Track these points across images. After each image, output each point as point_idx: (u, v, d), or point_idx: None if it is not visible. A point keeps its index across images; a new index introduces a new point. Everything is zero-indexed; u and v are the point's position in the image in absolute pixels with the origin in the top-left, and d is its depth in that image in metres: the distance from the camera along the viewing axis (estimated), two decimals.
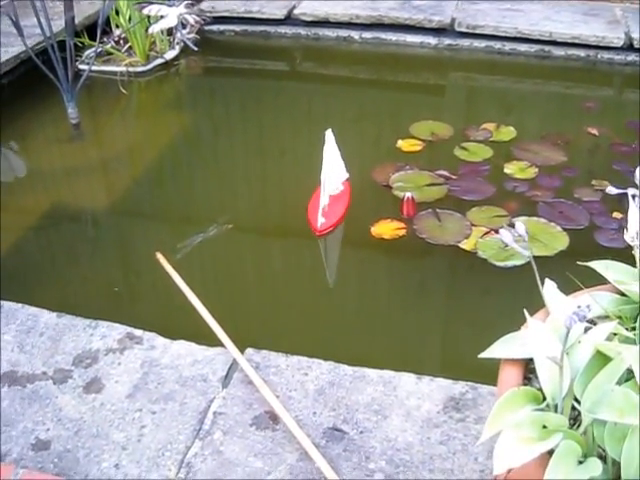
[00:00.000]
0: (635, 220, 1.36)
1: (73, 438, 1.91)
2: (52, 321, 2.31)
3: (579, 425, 1.24)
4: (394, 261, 3.01)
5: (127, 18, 4.74)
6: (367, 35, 5.07)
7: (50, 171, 3.73)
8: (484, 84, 4.77)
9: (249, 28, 5.24)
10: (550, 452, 1.16)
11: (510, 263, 2.85)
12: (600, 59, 4.73)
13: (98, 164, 3.84)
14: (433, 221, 3.11)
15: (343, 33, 5.10)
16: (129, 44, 4.76)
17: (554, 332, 1.30)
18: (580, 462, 1.18)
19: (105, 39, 4.74)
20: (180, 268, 2.68)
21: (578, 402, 1.23)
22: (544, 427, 1.19)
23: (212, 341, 2.22)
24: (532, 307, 1.45)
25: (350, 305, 2.81)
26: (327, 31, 5.13)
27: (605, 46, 4.69)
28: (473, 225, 3.07)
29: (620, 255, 1.71)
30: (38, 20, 3.71)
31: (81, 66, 4.44)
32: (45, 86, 3.90)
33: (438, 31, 4.95)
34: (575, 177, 3.46)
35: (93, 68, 4.13)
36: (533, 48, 4.81)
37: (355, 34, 5.08)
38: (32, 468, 1.83)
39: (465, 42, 4.93)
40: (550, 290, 1.47)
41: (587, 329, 1.35)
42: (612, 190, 1.41)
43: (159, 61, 4.78)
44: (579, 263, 1.64)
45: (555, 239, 2.99)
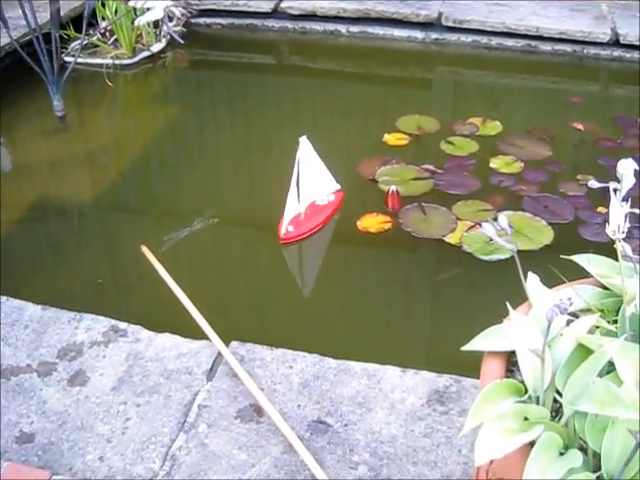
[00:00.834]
0: (616, 214, 1.37)
1: (57, 431, 1.91)
2: (37, 314, 2.30)
3: (560, 417, 1.25)
4: (380, 254, 3.01)
5: (113, 10, 4.71)
6: (354, 29, 5.06)
7: (36, 164, 3.71)
8: (471, 79, 4.78)
9: (236, 21, 5.23)
10: (531, 443, 1.17)
11: (495, 257, 2.86)
12: (586, 54, 4.75)
13: (84, 157, 3.83)
14: (419, 215, 3.12)
15: (330, 27, 5.09)
16: (115, 36, 4.73)
17: (536, 325, 1.31)
18: (561, 453, 1.18)
19: (91, 31, 4.71)
20: (165, 261, 2.68)
21: (560, 394, 1.24)
22: (526, 419, 1.20)
23: (197, 334, 2.22)
24: (516, 301, 1.46)
25: (335, 298, 2.81)
26: (314, 25, 5.12)
27: (592, 41, 4.71)
28: (458, 219, 3.08)
29: (604, 249, 1.72)
30: (23, 12, 3.69)
31: (67, 58, 4.41)
32: (30, 78, 3.88)
33: (425, 25, 4.96)
34: (560, 172, 3.48)
35: (79, 60, 4.11)
36: (520, 43, 4.82)
37: (342, 28, 5.07)
38: (16, 461, 1.83)
39: (452, 37, 4.93)
40: (533, 283, 1.48)
41: (569, 322, 1.36)
42: (594, 184, 1.42)
43: (145, 54, 4.76)
44: (562, 257, 1.65)
45: (540, 233, 3.00)
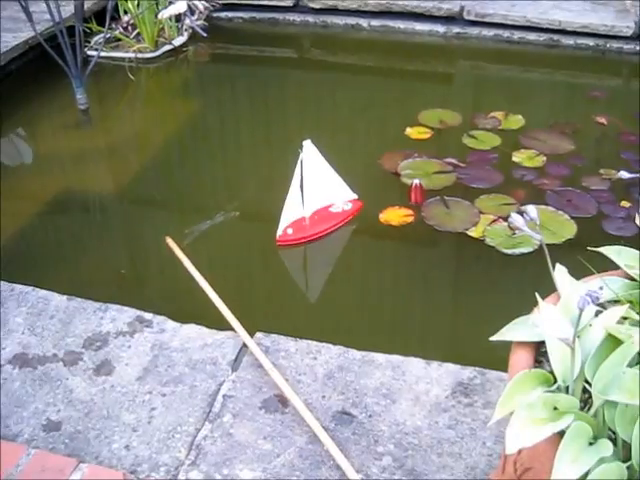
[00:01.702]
0: None
1: (84, 419, 1.92)
2: (62, 304, 2.32)
3: (589, 407, 1.25)
4: (402, 247, 3.02)
5: (136, 4, 4.73)
6: (375, 23, 5.06)
7: (59, 156, 3.73)
8: (492, 73, 4.76)
9: (257, 15, 5.25)
10: (560, 434, 1.17)
11: (518, 250, 2.86)
12: (609, 48, 4.72)
13: (106, 150, 3.86)
14: (441, 208, 3.12)
15: (351, 21, 5.10)
16: (137, 30, 4.76)
17: (565, 315, 1.31)
18: (590, 443, 1.18)
19: (113, 25, 4.74)
20: (190, 253, 2.70)
21: (589, 384, 1.24)
22: (555, 409, 1.20)
23: (222, 325, 2.23)
24: (540, 293, 1.45)
25: (359, 290, 2.82)
26: (335, 18, 5.13)
27: (614, 35, 4.68)
28: (481, 213, 3.08)
29: (628, 243, 1.71)
30: (47, 6, 3.72)
31: (89, 52, 4.45)
32: (54, 72, 3.91)
33: (447, 19, 4.95)
34: (583, 166, 3.46)
35: (101, 54, 4.13)
36: (542, 37, 4.80)
37: (363, 22, 5.08)
38: (43, 449, 1.84)
39: (474, 30, 4.92)
40: (561, 275, 1.47)
41: (598, 313, 1.36)
42: (624, 174, 1.41)
43: (167, 47, 4.78)
44: (590, 249, 1.64)
45: (563, 227, 2.99)
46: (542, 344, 1.39)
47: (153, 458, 1.82)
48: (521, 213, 1.42)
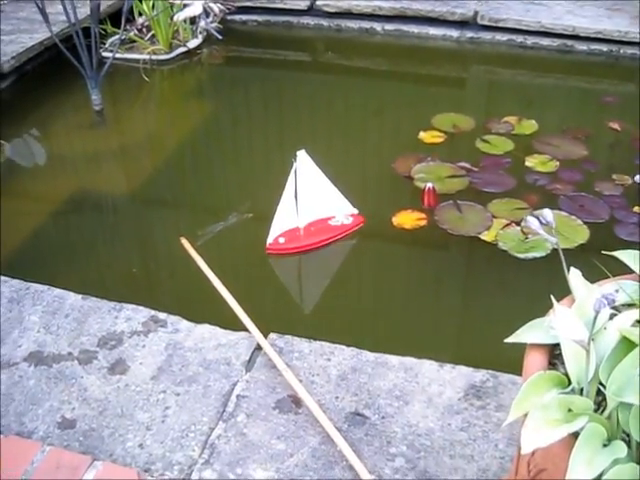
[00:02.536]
0: None
1: (98, 417, 1.94)
2: (77, 303, 2.34)
3: (603, 409, 1.26)
4: (415, 251, 3.02)
5: (151, 6, 4.75)
6: (389, 27, 5.07)
7: (73, 157, 3.76)
8: (506, 77, 4.77)
9: (271, 18, 5.26)
10: (575, 435, 1.18)
11: (530, 255, 2.86)
12: (623, 54, 4.72)
13: (120, 151, 3.88)
14: (454, 212, 3.12)
15: (365, 25, 5.11)
16: (152, 32, 4.78)
17: (580, 318, 1.31)
18: (605, 445, 1.19)
19: (128, 27, 4.76)
20: (204, 254, 2.71)
21: (603, 387, 1.24)
22: (570, 410, 1.21)
23: (236, 325, 2.24)
24: (551, 298, 1.45)
25: (371, 293, 2.83)
26: (349, 22, 5.14)
27: (628, 41, 4.67)
28: (494, 217, 3.08)
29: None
30: (63, 7, 3.75)
31: (104, 54, 4.46)
32: (69, 73, 3.94)
33: (461, 24, 4.96)
34: (596, 171, 3.46)
35: (116, 56, 4.15)
36: (555, 42, 4.80)
37: (377, 26, 5.09)
38: (58, 446, 1.86)
39: (487, 35, 4.92)
40: (576, 278, 1.48)
41: (612, 316, 1.37)
42: (639, 179, 1.42)
43: (182, 50, 4.80)
44: (605, 253, 1.65)
45: (576, 232, 2.99)
46: (556, 347, 1.39)
47: (167, 457, 1.83)
48: (537, 217, 1.42)
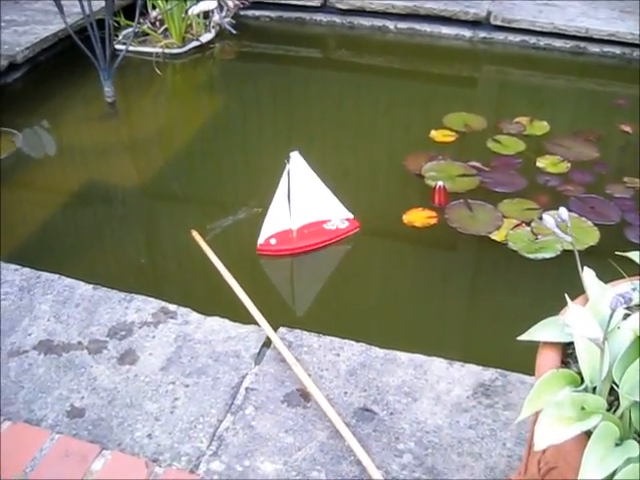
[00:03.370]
0: None
1: (107, 407, 1.94)
2: (88, 293, 2.34)
3: (616, 408, 1.26)
4: (424, 249, 3.02)
5: None
6: (402, 25, 5.07)
7: (85, 148, 3.77)
8: (518, 78, 4.76)
9: (284, 14, 5.27)
10: (587, 433, 1.18)
11: (540, 255, 2.85)
12: (635, 57, 4.70)
13: (131, 143, 3.88)
14: (464, 211, 3.12)
15: (378, 22, 5.11)
16: (165, 26, 4.78)
17: (594, 317, 1.31)
18: (617, 444, 1.19)
19: (142, 20, 4.76)
20: (215, 246, 2.71)
21: (616, 385, 1.24)
22: (583, 408, 1.21)
23: (246, 318, 2.25)
24: (563, 298, 1.45)
25: (381, 290, 2.82)
26: (362, 20, 5.14)
27: None
28: (504, 217, 3.08)
29: None
30: None
31: (117, 46, 4.47)
32: (82, 64, 3.95)
33: (473, 24, 4.95)
34: (607, 173, 3.46)
35: (129, 49, 4.16)
36: (568, 44, 4.80)
37: (390, 24, 5.09)
38: (67, 434, 1.86)
39: (500, 36, 4.92)
40: (589, 277, 1.48)
41: (625, 316, 1.36)
42: None
43: (194, 44, 4.81)
44: (618, 254, 1.64)
45: (586, 234, 2.99)
46: (568, 345, 1.40)
47: (175, 447, 1.83)
48: (540, 218, 1.42)
